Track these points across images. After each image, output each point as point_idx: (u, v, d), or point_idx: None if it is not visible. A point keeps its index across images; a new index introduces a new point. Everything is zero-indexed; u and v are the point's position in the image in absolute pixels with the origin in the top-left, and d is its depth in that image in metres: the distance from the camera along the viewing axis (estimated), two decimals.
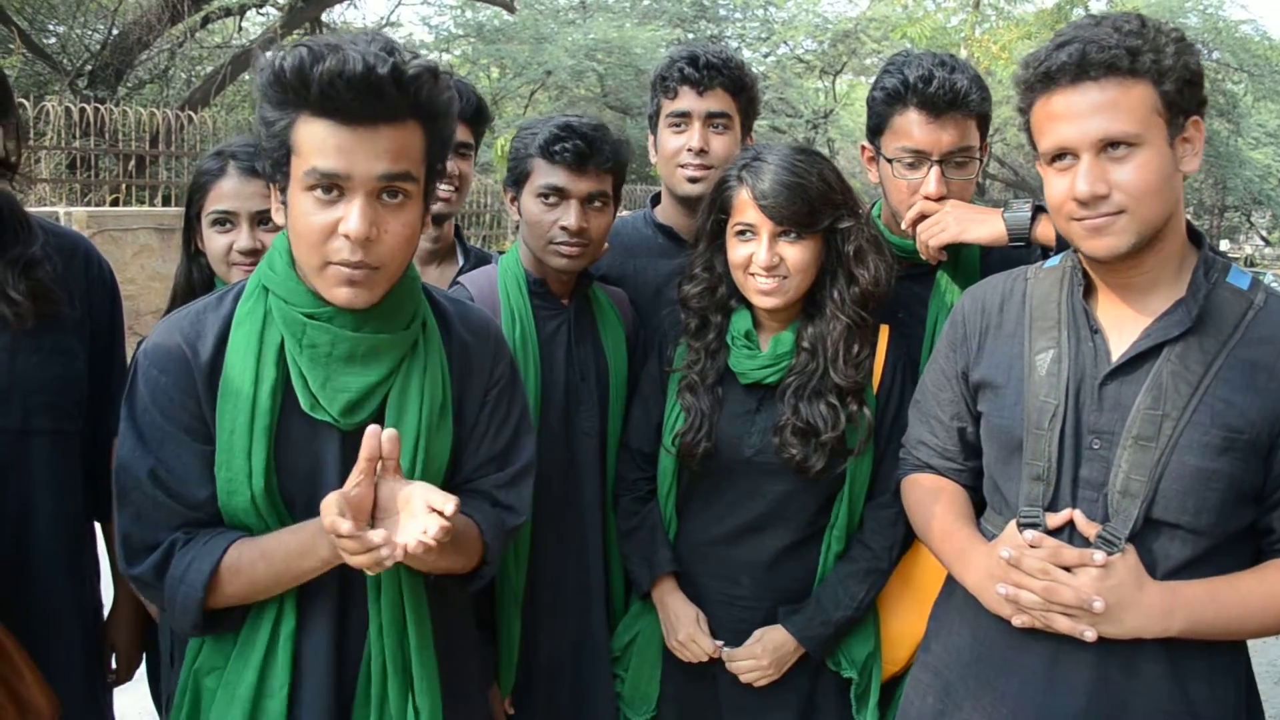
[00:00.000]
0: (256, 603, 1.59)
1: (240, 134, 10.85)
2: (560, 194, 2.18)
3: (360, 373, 1.58)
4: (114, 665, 2.22)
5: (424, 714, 1.65)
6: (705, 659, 2.15)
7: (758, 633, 2.14)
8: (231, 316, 1.61)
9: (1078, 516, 1.68)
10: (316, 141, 1.45)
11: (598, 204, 2.22)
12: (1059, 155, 1.64)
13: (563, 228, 2.17)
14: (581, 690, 2.26)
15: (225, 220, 2.12)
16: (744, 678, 2.13)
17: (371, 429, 1.43)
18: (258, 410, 1.54)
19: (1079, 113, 1.60)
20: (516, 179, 2.25)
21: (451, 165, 2.39)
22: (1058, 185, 1.65)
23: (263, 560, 1.53)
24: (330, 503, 1.39)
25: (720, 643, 2.15)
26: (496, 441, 1.78)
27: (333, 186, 1.47)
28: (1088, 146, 1.60)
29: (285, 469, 1.58)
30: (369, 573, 1.49)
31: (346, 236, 1.47)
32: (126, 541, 1.58)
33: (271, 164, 1.53)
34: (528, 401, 1.87)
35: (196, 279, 2.23)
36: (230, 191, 2.11)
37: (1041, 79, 1.63)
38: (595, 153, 2.18)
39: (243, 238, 2.09)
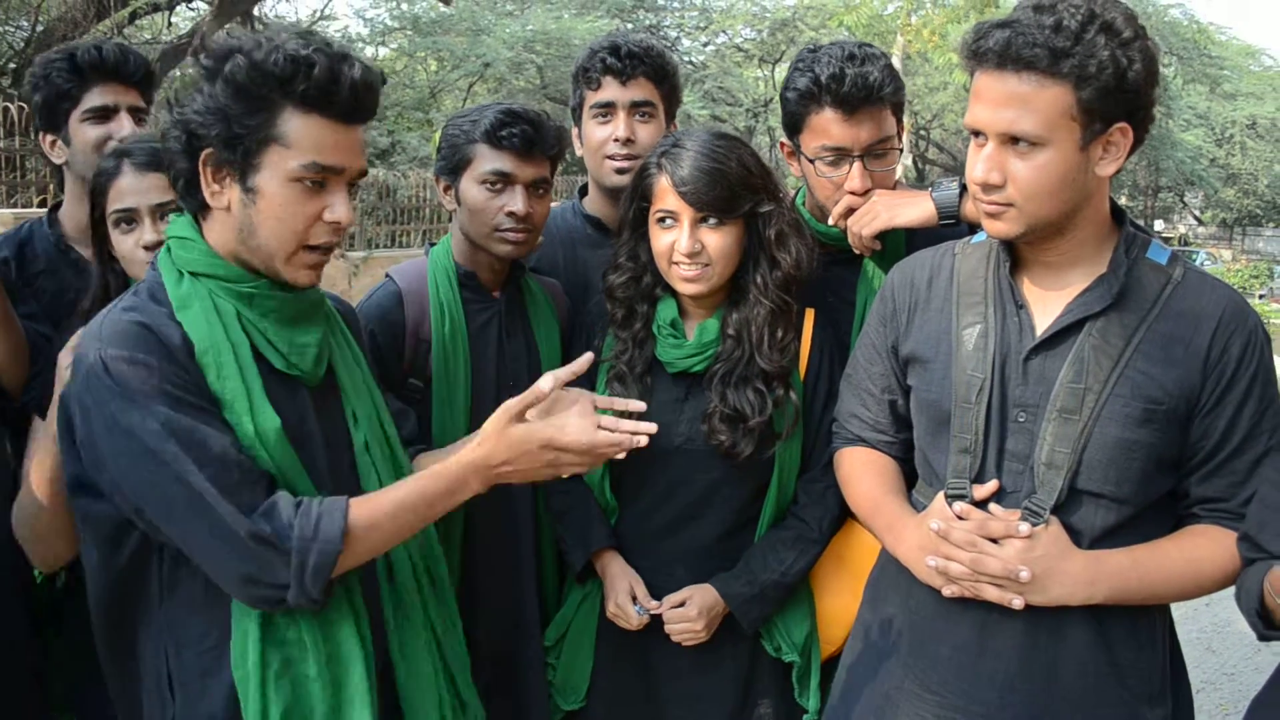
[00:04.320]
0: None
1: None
2: (506, 180, 2.16)
3: (307, 330, 1.69)
4: None
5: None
6: (634, 627, 2.13)
7: (689, 590, 2.13)
8: (163, 309, 1.58)
9: (993, 505, 1.71)
10: (314, 137, 1.56)
11: (540, 190, 2.21)
12: (975, 131, 1.66)
13: (510, 213, 2.15)
14: (516, 679, 2.25)
15: (127, 220, 2.07)
16: (676, 637, 2.12)
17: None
18: (247, 374, 1.57)
19: (993, 99, 1.60)
20: (454, 167, 2.21)
21: (133, 130, 2.32)
22: (970, 160, 1.67)
23: (407, 511, 1.60)
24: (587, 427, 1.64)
25: (654, 604, 2.13)
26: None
27: (321, 179, 1.58)
28: (994, 134, 1.61)
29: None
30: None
31: (337, 223, 1.60)
32: (231, 519, 1.48)
33: (243, 152, 1.55)
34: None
35: (113, 285, 2.16)
36: (128, 188, 2.05)
37: (971, 55, 1.63)
38: (541, 139, 2.17)
39: (147, 232, 2.04)
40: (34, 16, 13.28)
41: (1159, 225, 36.14)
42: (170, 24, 15.70)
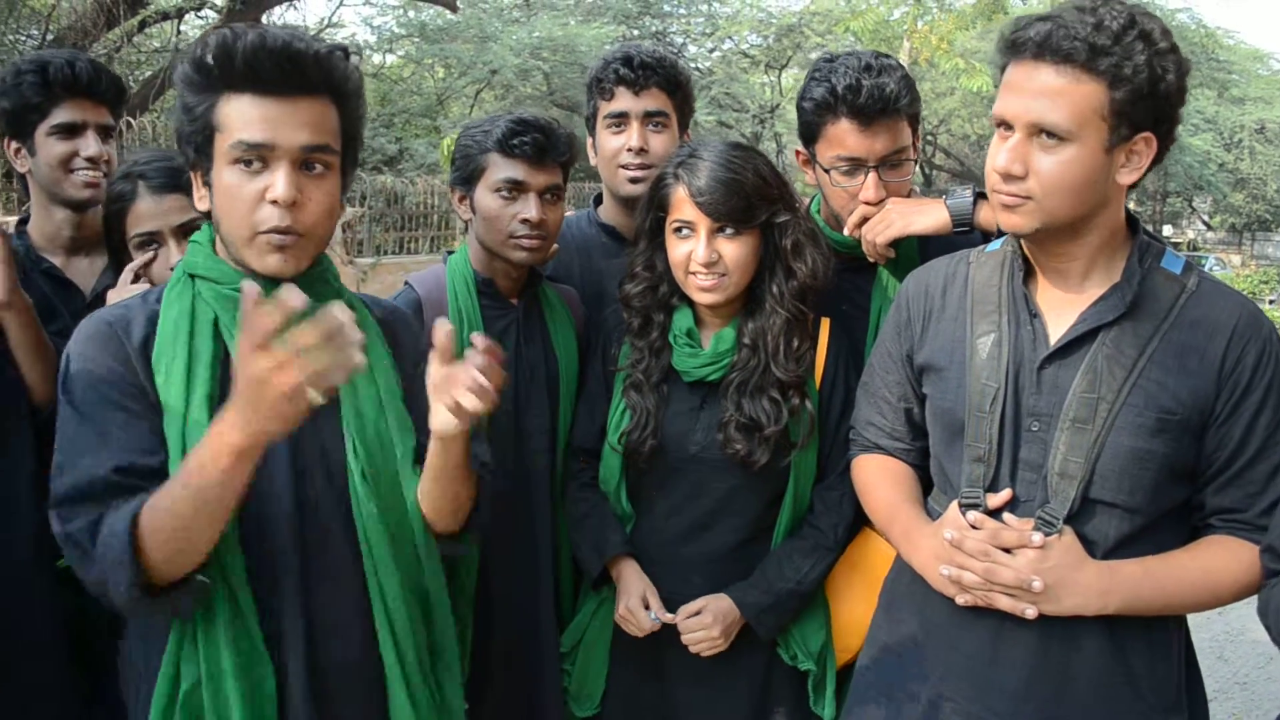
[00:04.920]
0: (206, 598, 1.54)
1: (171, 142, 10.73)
2: (519, 187, 2.19)
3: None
4: None
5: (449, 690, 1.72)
6: (644, 633, 2.13)
7: (703, 600, 2.13)
8: (158, 307, 1.62)
9: (1007, 514, 1.72)
10: (241, 116, 1.53)
11: (553, 197, 2.24)
12: (1002, 123, 1.66)
13: (524, 220, 2.18)
14: (532, 684, 2.27)
15: (150, 242, 2.09)
16: (694, 648, 2.13)
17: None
18: (195, 381, 1.55)
19: (1025, 90, 1.61)
20: (467, 177, 2.24)
21: (99, 149, 2.35)
22: (992, 151, 1.68)
23: (177, 483, 1.40)
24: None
25: (669, 616, 2.13)
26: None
27: (257, 158, 1.53)
28: (1022, 125, 1.62)
29: None
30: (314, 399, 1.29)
31: (274, 202, 1.53)
32: (60, 506, 1.48)
33: (195, 149, 1.58)
34: None
35: None
36: (148, 212, 2.08)
37: (1008, 46, 1.64)
38: (552, 146, 2.20)
39: (173, 254, 2.06)
40: (44, 25, 13.34)
41: (1167, 230, 36.07)
42: (180, 32, 15.75)
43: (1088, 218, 1.67)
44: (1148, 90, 1.57)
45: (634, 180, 2.45)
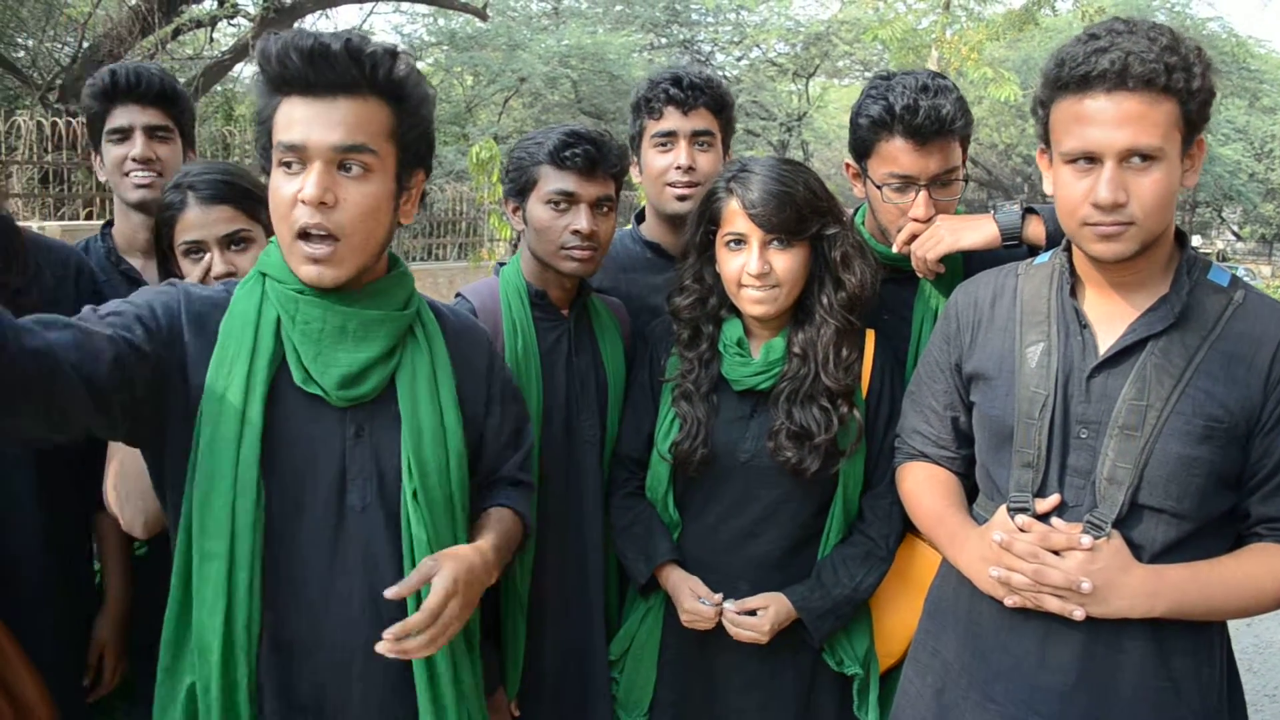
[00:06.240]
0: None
1: (212, 146, 10.78)
2: (570, 199, 2.21)
3: (353, 349, 1.62)
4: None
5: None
6: (713, 623, 2.16)
7: (765, 598, 2.16)
8: (228, 297, 1.65)
9: (1055, 519, 1.74)
10: (285, 117, 1.55)
11: (604, 209, 2.26)
12: (1082, 156, 1.67)
13: (574, 231, 2.20)
14: (582, 693, 2.29)
15: (196, 250, 2.14)
16: (737, 638, 2.15)
17: None
18: (255, 380, 1.56)
19: (1110, 120, 1.63)
20: (521, 188, 2.28)
21: (145, 150, 2.44)
22: (1075, 187, 1.68)
23: None
24: None
25: (717, 597, 2.16)
26: (507, 428, 1.89)
27: (296, 160, 1.54)
28: (1113, 155, 1.63)
29: (276, 438, 1.58)
30: None
31: (303, 201, 1.53)
32: None
33: (262, 153, 1.61)
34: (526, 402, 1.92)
35: None
36: (194, 222, 2.12)
37: (1078, 81, 1.65)
38: (604, 158, 2.23)
39: (216, 264, 2.10)
40: (80, 33, 13.51)
41: (1196, 241, 35.68)
42: (212, 40, 15.92)
43: (1168, 228, 1.72)
44: (1208, 97, 1.63)
45: (681, 198, 2.50)
